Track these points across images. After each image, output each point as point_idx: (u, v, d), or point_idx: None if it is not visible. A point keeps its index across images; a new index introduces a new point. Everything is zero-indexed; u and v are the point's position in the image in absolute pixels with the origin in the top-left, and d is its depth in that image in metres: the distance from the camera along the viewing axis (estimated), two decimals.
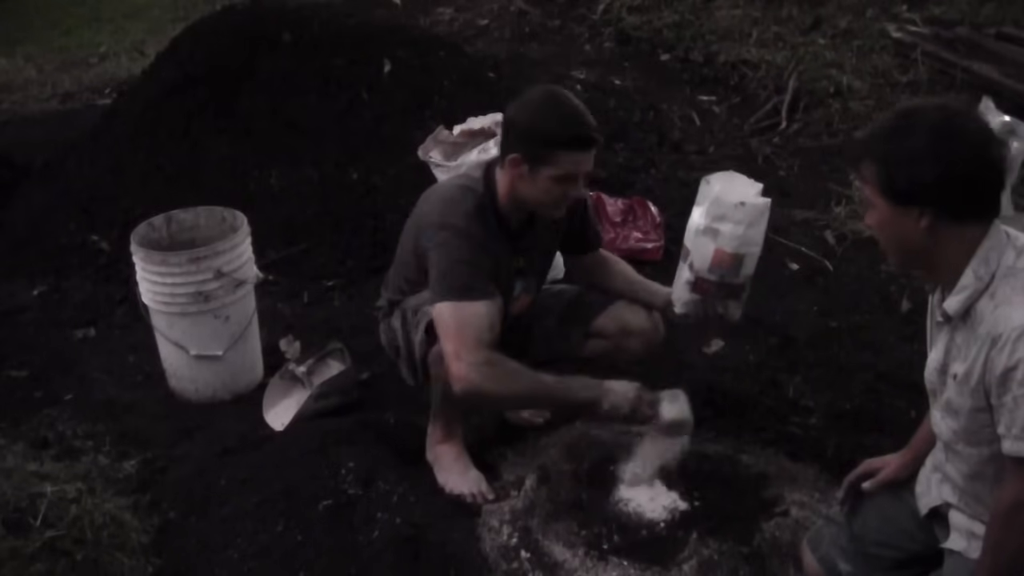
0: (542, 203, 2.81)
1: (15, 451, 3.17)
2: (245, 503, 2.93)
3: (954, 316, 2.01)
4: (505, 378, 2.69)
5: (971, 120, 1.97)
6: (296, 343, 3.87)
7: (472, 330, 2.67)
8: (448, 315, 2.69)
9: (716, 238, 2.76)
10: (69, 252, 4.76)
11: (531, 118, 2.75)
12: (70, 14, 10.10)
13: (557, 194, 2.77)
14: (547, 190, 2.76)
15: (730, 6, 7.27)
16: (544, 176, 2.74)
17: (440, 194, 2.94)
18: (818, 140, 5.70)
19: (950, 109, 1.98)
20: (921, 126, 1.94)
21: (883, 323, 3.91)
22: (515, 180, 2.79)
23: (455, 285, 2.70)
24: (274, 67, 5.09)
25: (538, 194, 2.78)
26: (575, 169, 2.75)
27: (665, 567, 2.65)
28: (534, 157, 2.73)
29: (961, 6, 6.84)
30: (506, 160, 2.78)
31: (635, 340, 3.04)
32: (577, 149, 2.73)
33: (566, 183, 2.75)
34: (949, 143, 1.91)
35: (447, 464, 3.02)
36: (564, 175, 2.74)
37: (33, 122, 6.96)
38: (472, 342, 2.66)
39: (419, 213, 2.93)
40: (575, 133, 2.72)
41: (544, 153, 2.72)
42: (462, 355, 2.65)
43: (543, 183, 2.75)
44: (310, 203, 4.77)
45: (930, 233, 1.96)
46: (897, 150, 1.95)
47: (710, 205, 2.78)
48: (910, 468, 2.30)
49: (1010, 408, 1.91)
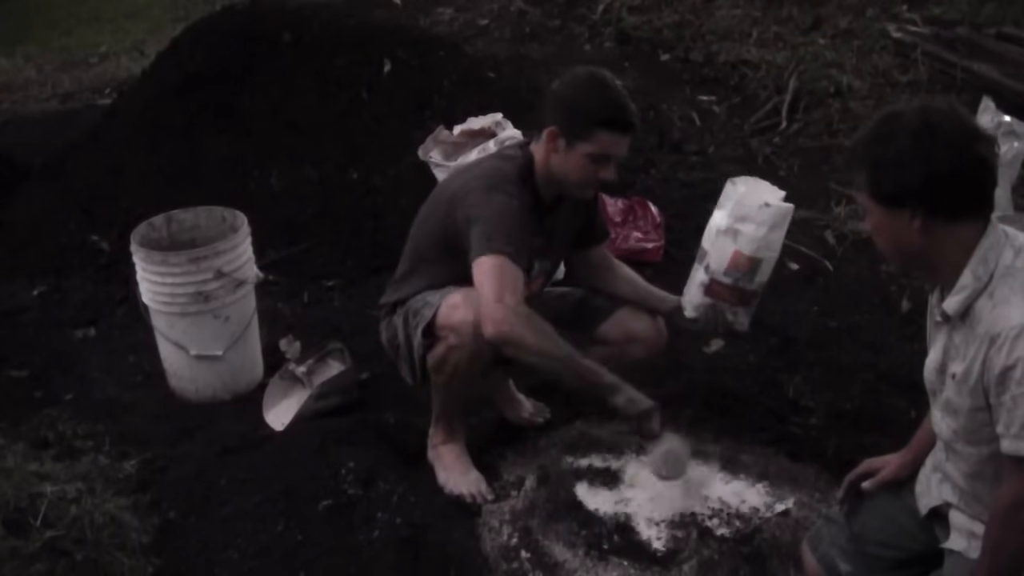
0: (572, 181, 2.83)
1: (15, 451, 3.17)
2: (245, 503, 2.93)
3: (953, 316, 2.01)
4: (538, 331, 2.69)
5: (953, 119, 1.98)
6: (296, 343, 3.87)
7: (516, 284, 2.68)
8: (496, 265, 2.68)
9: (736, 239, 2.78)
10: (69, 252, 4.77)
11: (575, 93, 2.79)
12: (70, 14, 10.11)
13: (589, 173, 2.80)
14: (580, 167, 2.79)
15: (730, 6, 7.27)
16: (579, 152, 2.77)
17: (482, 167, 2.97)
18: (818, 140, 5.70)
19: (930, 110, 1.99)
20: (902, 129, 1.96)
21: (883, 323, 3.91)
22: (549, 154, 2.82)
23: (509, 242, 2.70)
24: (274, 67, 5.10)
25: (570, 170, 2.80)
26: (610, 150, 2.77)
27: (665, 567, 2.65)
28: (572, 132, 2.77)
29: (961, 6, 6.83)
30: (544, 133, 2.81)
31: (639, 347, 3.04)
32: (616, 130, 2.76)
33: (599, 163, 2.78)
34: (932, 143, 1.93)
35: (448, 464, 3.02)
36: (599, 154, 2.77)
37: (33, 122, 6.97)
38: (515, 292, 2.67)
39: (454, 187, 2.92)
40: (616, 114, 2.76)
41: (582, 129, 2.75)
42: (504, 298, 2.64)
43: (576, 159, 2.78)
44: (310, 203, 4.77)
45: (924, 233, 1.97)
46: (882, 155, 1.97)
47: (734, 205, 2.80)
48: (910, 468, 2.30)
49: (1008, 407, 1.92)
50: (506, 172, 2.85)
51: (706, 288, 2.84)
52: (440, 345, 2.80)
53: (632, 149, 5.53)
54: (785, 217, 2.81)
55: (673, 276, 3.41)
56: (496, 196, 2.77)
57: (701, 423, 3.25)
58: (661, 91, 6.30)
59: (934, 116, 1.96)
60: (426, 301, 2.86)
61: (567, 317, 3.08)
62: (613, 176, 2.84)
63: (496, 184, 2.81)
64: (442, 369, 2.84)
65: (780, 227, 2.81)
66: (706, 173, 5.31)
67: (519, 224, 2.76)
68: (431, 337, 2.82)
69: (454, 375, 2.84)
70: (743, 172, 5.31)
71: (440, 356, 2.82)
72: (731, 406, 3.35)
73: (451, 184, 2.98)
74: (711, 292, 2.84)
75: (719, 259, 2.80)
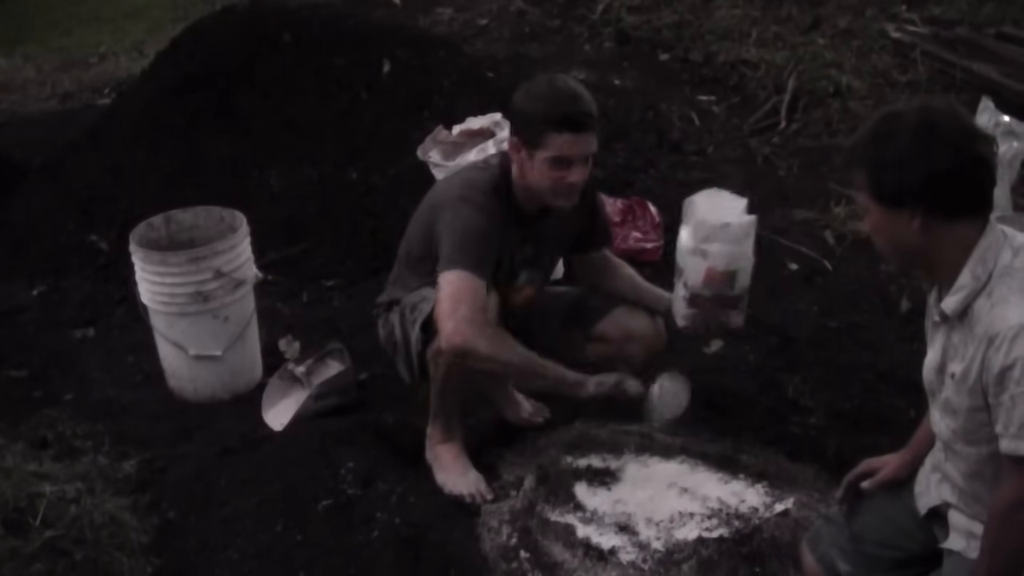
0: (544, 189, 2.82)
1: (15, 451, 3.17)
2: (245, 503, 2.93)
3: (951, 316, 2.01)
4: (496, 342, 2.71)
5: (954, 118, 1.98)
6: (296, 343, 3.87)
7: (475, 299, 2.69)
8: (456, 281, 2.70)
9: (706, 257, 2.78)
10: (69, 252, 4.77)
11: (526, 101, 2.79)
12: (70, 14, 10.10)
13: (553, 178, 2.77)
14: (543, 174, 2.78)
15: (730, 6, 7.27)
16: (539, 159, 2.76)
17: (459, 175, 2.99)
18: (818, 140, 5.70)
19: (930, 109, 1.99)
20: (902, 129, 1.96)
21: (883, 323, 3.91)
22: (520, 166, 2.82)
23: (469, 257, 2.72)
24: (274, 67, 5.10)
25: (537, 179, 2.80)
26: (567, 151, 2.74)
27: (665, 567, 2.65)
28: (529, 140, 2.76)
29: (961, 6, 6.83)
30: (510, 147, 2.83)
31: (637, 345, 3.04)
32: (567, 130, 2.73)
33: (561, 167, 2.76)
34: (930, 143, 1.93)
35: (446, 464, 3.02)
36: (557, 157, 2.74)
37: (33, 122, 6.96)
38: (472, 306, 2.68)
39: (435, 193, 2.96)
40: (562, 114, 2.72)
41: (536, 136, 2.74)
42: (459, 312, 2.66)
43: (539, 166, 2.77)
44: (310, 203, 4.77)
45: (923, 233, 1.97)
46: (881, 155, 1.97)
47: (696, 226, 2.79)
48: (909, 468, 2.30)
49: (1007, 407, 1.92)
50: (478, 183, 2.86)
51: (689, 301, 2.86)
52: (438, 340, 2.80)
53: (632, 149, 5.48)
54: (748, 230, 2.80)
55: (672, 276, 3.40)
56: (463, 209, 2.79)
57: (701, 423, 3.26)
58: (660, 91, 6.30)
59: (934, 115, 1.96)
60: (423, 296, 2.86)
61: (565, 315, 3.09)
62: (580, 178, 2.80)
63: (465, 195, 2.82)
64: (440, 364, 2.84)
65: (746, 239, 2.80)
66: (706, 173, 5.30)
67: (481, 236, 2.76)
68: (429, 332, 2.82)
69: (451, 371, 2.84)
70: (743, 172, 5.37)
71: (438, 351, 2.82)
72: (731, 406, 3.35)
73: (433, 192, 3.01)
74: (695, 304, 2.86)
75: (694, 276, 2.81)
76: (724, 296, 2.82)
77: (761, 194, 5.10)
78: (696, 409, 3.32)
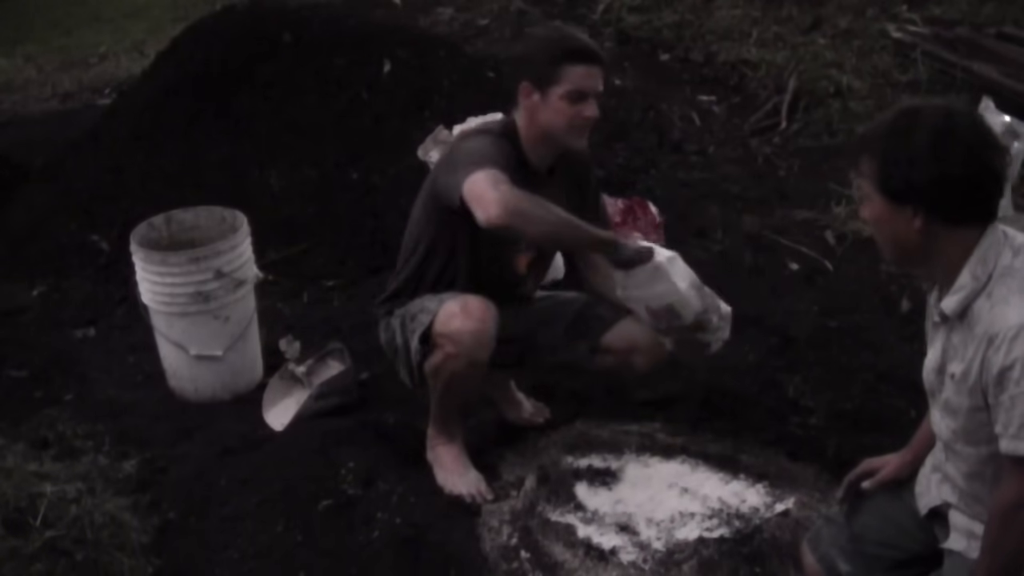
0: (560, 128, 2.82)
1: (15, 451, 3.17)
2: (245, 503, 2.93)
3: (951, 316, 2.01)
4: (536, 204, 2.66)
5: (973, 124, 1.97)
6: (296, 343, 3.87)
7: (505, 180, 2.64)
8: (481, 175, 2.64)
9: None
10: (69, 252, 4.77)
11: (532, 44, 2.88)
12: (70, 14, 10.10)
13: (571, 115, 2.80)
14: (560, 111, 2.79)
15: (730, 6, 7.26)
16: (555, 96, 2.78)
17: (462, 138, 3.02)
18: (818, 140, 5.70)
19: (953, 111, 1.98)
20: (922, 127, 1.95)
21: (883, 323, 3.91)
22: (531, 112, 2.83)
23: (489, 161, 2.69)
24: (274, 67, 5.10)
25: (552, 119, 2.81)
26: (583, 83, 2.78)
27: (665, 567, 2.65)
28: (542, 78, 2.79)
29: (961, 6, 6.84)
30: (519, 95, 2.83)
31: (642, 357, 3.02)
32: (582, 61, 2.78)
33: (578, 101, 2.79)
34: (948, 146, 1.92)
35: (447, 464, 3.02)
36: (574, 90, 2.78)
37: (33, 122, 6.96)
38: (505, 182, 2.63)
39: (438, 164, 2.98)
40: (577, 45, 2.81)
41: (550, 71, 2.77)
42: (500, 187, 2.60)
43: (555, 104, 2.79)
44: (310, 203, 4.77)
45: (923, 233, 1.97)
46: (896, 149, 1.96)
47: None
48: (910, 468, 2.30)
49: (1007, 407, 1.91)
50: (484, 132, 2.89)
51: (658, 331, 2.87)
52: (437, 353, 2.80)
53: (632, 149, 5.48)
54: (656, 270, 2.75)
55: None
56: (474, 141, 2.82)
57: (701, 423, 3.26)
58: (661, 91, 6.30)
59: (955, 119, 1.95)
60: (424, 307, 2.85)
61: (570, 324, 3.07)
62: (594, 113, 2.83)
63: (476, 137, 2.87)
64: (440, 376, 2.84)
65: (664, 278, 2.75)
66: (706, 173, 5.31)
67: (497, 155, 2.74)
68: (428, 344, 2.82)
69: (452, 382, 2.84)
70: (743, 172, 5.36)
71: (437, 365, 2.82)
72: (731, 406, 3.35)
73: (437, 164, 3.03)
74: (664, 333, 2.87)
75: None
76: (681, 326, 2.81)
77: (761, 194, 5.12)
78: (696, 409, 3.34)
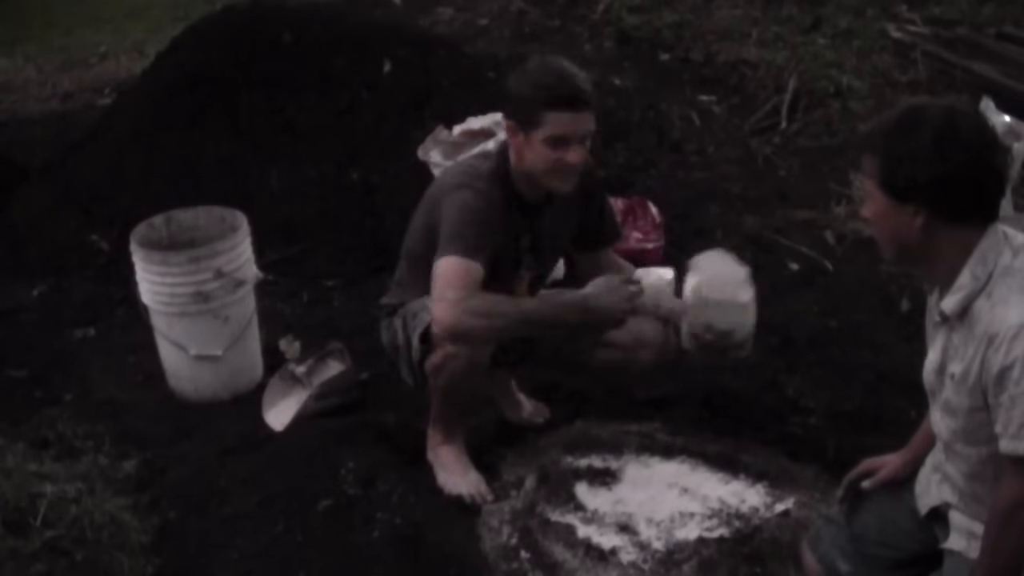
0: (542, 171, 2.80)
1: (15, 451, 3.17)
2: (245, 503, 2.93)
3: (951, 316, 2.01)
4: (486, 312, 2.68)
5: (977, 124, 1.98)
6: (296, 343, 3.87)
7: (465, 281, 2.67)
8: (447, 267, 2.69)
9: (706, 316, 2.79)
10: (69, 252, 4.76)
11: (520, 82, 2.79)
12: (70, 14, 10.08)
13: (551, 159, 2.76)
14: (541, 155, 2.77)
15: (730, 6, 7.26)
16: (537, 140, 2.75)
17: (459, 165, 3.01)
18: (818, 140, 5.69)
19: (956, 111, 1.98)
20: (926, 125, 1.95)
21: (883, 323, 3.91)
22: (518, 151, 2.82)
23: (462, 240, 2.71)
24: (274, 67, 5.09)
25: (534, 162, 2.79)
26: (564, 130, 2.73)
27: (665, 567, 2.65)
28: (525, 121, 2.76)
29: (961, 6, 6.83)
30: (507, 131, 2.82)
31: (647, 352, 3.03)
32: (563, 108, 2.72)
33: (559, 147, 2.75)
34: (951, 145, 1.92)
35: (447, 464, 3.01)
36: (554, 136, 2.73)
37: (33, 122, 6.95)
38: (459, 288, 2.66)
39: (435, 186, 2.97)
40: (558, 91, 2.72)
41: (532, 115, 2.74)
42: (447, 295, 2.65)
43: (536, 148, 2.76)
44: (310, 203, 4.77)
45: (924, 231, 1.97)
46: (899, 147, 1.96)
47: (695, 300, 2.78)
48: (910, 468, 2.30)
49: (1006, 407, 1.92)
50: (478, 170, 2.87)
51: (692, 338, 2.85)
52: (437, 352, 2.80)
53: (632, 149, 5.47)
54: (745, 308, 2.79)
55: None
56: (461, 194, 2.79)
57: (701, 423, 3.26)
58: (661, 91, 6.30)
59: (958, 118, 1.96)
60: (424, 305, 2.85)
61: None
62: (579, 158, 2.78)
63: (464, 182, 2.83)
64: (440, 376, 2.84)
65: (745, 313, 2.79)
66: (706, 173, 5.30)
67: (477, 219, 2.75)
68: (429, 342, 2.82)
69: (452, 382, 2.84)
70: (743, 172, 5.36)
71: (437, 364, 2.82)
72: (731, 406, 3.35)
73: (435, 183, 3.02)
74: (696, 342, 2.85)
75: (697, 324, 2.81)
76: (724, 347, 2.83)
77: (761, 194, 5.12)
78: (696, 409, 3.33)
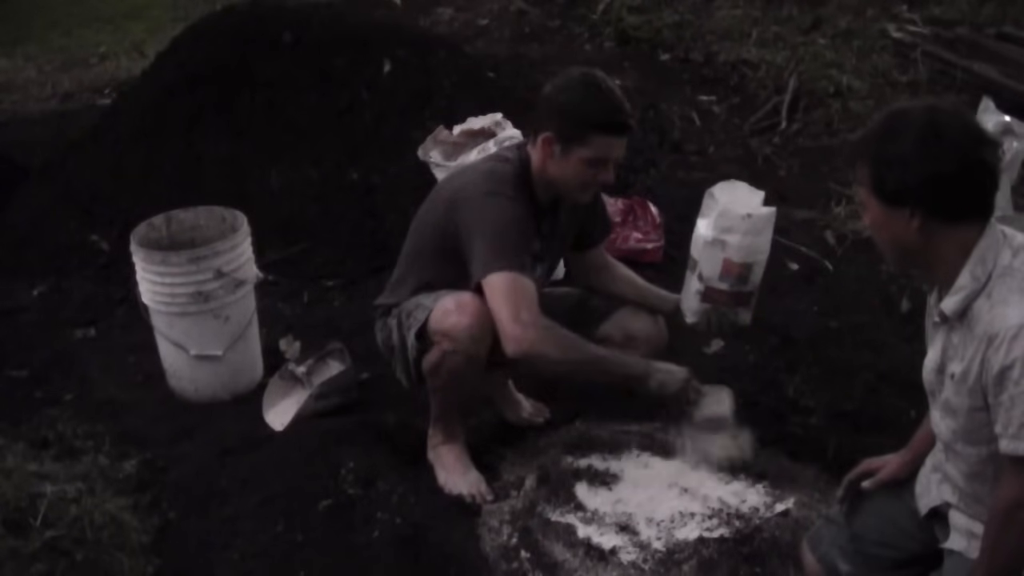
0: (570, 186, 2.81)
1: (15, 451, 3.17)
2: (245, 503, 2.93)
3: (951, 316, 2.01)
4: (563, 343, 2.69)
5: (960, 121, 1.98)
6: (296, 343, 3.87)
7: (531, 298, 2.67)
8: (505, 284, 2.67)
9: (724, 249, 2.81)
10: (69, 252, 4.76)
11: (569, 98, 2.76)
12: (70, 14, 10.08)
13: (587, 177, 2.79)
14: (577, 172, 2.77)
15: (730, 6, 7.27)
16: (576, 157, 2.76)
17: (479, 168, 2.94)
18: (818, 140, 5.70)
19: (938, 110, 1.99)
20: (909, 128, 1.96)
21: (883, 323, 3.91)
22: (546, 159, 2.80)
23: (512, 255, 2.70)
24: (274, 67, 5.09)
25: (567, 176, 2.79)
26: (607, 153, 2.76)
27: (665, 567, 2.65)
28: (568, 137, 2.75)
29: (961, 6, 6.84)
30: (539, 139, 2.80)
31: (640, 347, 3.03)
32: (612, 133, 2.75)
33: (597, 167, 2.77)
34: (936, 144, 1.93)
35: (447, 464, 3.02)
36: (596, 158, 2.75)
37: (33, 122, 6.95)
38: (531, 307, 2.66)
39: (453, 188, 2.91)
40: (612, 117, 2.74)
41: (578, 134, 2.73)
42: (522, 316, 2.63)
43: (574, 164, 2.76)
44: (310, 203, 4.77)
45: (922, 233, 1.97)
46: (886, 152, 1.98)
47: (717, 217, 2.82)
48: (910, 468, 2.30)
49: (1006, 407, 1.92)
50: (505, 175, 2.83)
51: (703, 295, 2.87)
52: (434, 350, 2.80)
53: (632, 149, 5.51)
54: (768, 221, 2.85)
55: (673, 276, 3.41)
56: (497, 203, 2.75)
57: None
58: (661, 91, 6.31)
59: (940, 117, 1.96)
60: (419, 304, 2.85)
61: (567, 318, 3.08)
62: (610, 179, 2.84)
63: (495, 189, 2.79)
64: (438, 374, 2.84)
65: (766, 231, 2.85)
66: (706, 173, 5.30)
67: (521, 231, 2.75)
68: (424, 341, 2.82)
69: (450, 379, 2.84)
70: (743, 172, 5.36)
71: (435, 361, 2.82)
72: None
73: (449, 185, 2.96)
74: (708, 298, 2.88)
75: (711, 268, 2.83)
76: (738, 292, 2.85)
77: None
78: None
